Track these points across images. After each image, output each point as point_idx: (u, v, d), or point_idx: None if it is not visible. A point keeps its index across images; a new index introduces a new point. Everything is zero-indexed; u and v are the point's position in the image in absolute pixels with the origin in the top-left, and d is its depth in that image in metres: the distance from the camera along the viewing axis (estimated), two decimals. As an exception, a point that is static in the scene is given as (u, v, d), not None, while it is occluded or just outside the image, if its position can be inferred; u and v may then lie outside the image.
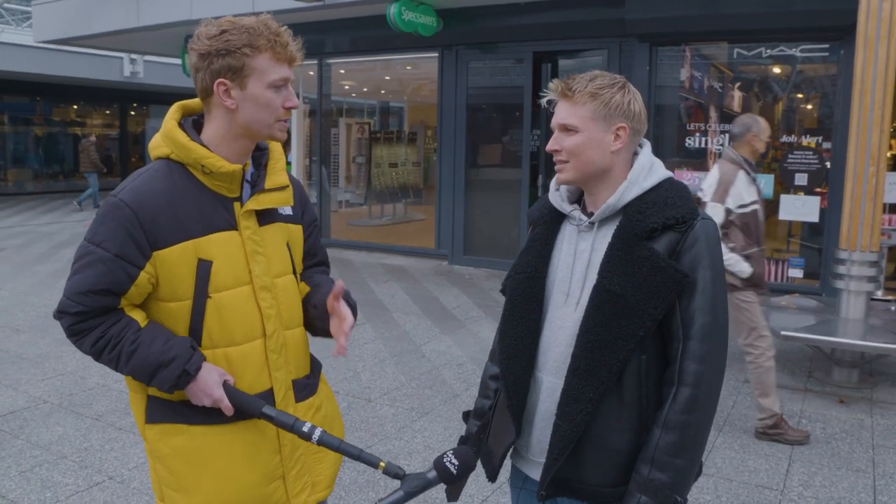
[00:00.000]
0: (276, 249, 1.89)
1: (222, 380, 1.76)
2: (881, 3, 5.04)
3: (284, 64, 1.76)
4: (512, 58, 9.82)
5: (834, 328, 5.25)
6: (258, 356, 1.84)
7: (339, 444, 1.72)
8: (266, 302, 1.85)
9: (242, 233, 1.81)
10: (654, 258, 1.67)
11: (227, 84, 1.73)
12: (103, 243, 1.71)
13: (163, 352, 1.72)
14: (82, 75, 18.09)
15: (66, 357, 5.81)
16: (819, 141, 7.78)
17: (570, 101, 1.75)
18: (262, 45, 1.71)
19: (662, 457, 1.65)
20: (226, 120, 1.78)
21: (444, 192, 10.27)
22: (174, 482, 1.86)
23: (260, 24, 1.73)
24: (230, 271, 1.79)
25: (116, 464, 4.00)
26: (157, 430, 1.85)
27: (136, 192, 1.73)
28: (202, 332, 1.79)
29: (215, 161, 1.75)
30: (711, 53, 8.62)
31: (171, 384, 1.74)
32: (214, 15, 7.89)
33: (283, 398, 1.89)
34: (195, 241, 1.75)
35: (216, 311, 1.78)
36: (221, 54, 1.71)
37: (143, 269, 1.72)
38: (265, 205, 1.84)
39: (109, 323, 1.75)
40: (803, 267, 7.97)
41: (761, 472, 4.00)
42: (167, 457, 1.85)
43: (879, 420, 4.74)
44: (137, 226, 1.70)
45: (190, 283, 1.76)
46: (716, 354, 1.69)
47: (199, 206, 1.77)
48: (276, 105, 1.76)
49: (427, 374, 5.54)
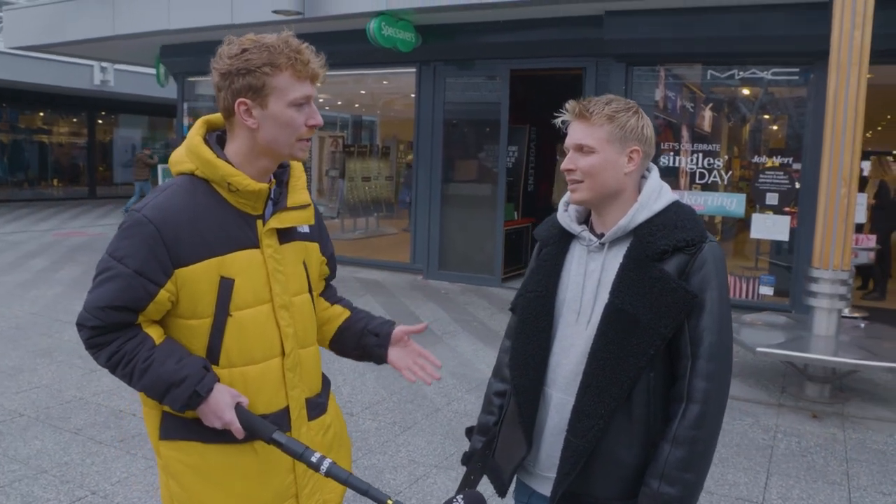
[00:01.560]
0: (294, 268, 1.89)
1: (234, 402, 1.74)
2: (853, 31, 5.21)
3: (306, 81, 1.74)
4: (489, 75, 9.92)
5: (807, 344, 5.38)
6: (275, 375, 1.84)
7: (348, 477, 1.69)
8: (285, 321, 1.85)
9: (264, 251, 1.81)
10: (665, 279, 1.72)
11: (248, 103, 1.72)
12: (125, 259, 1.70)
13: (175, 371, 1.71)
14: (51, 82, 17.81)
15: (40, 369, 5.73)
16: (789, 162, 7.98)
17: (586, 123, 1.80)
18: (282, 64, 1.70)
19: (672, 471, 1.70)
20: (248, 139, 1.77)
21: (419, 206, 10.31)
22: (187, 499, 1.85)
23: (280, 41, 1.71)
24: (252, 289, 1.79)
25: (98, 478, 3.95)
26: (171, 447, 1.84)
27: (160, 209, 1.71)
28: (220, 351, 1.78)
29: (242, 179, 1.74)
30: (686, 74, 8.81)
31: (182, 404, 1.72)
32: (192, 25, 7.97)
33: (298, 417, 1.89)
34: (218, 258, 1.74)
35: (236, 330, 1.78)
36: (242, 73, 1.69)
37: (163, 287, 1.71)
38: (287, 223, 1.85)
39: (125, 338, 1.74)
40: (774, 284, 8.15)
41: (741, 485, 4.08)
42: (180, 474, 1.84)
43: (852, 434, 4.86)
44: (160, 243, 1.69)
45: (211, 301, 1.75)
46: (722, 372, 1.75)
47: (222, 223, 1.76)
48: (298, 123, 1.75)
49: (408, 389, 5.55)
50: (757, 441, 4.72)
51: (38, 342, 6.49)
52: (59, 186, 21.80)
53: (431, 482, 4.00)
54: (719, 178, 8.31)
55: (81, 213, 18.21)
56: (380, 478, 4.03)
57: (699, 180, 8.37)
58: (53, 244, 12.55)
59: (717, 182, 8.31)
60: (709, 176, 8.33)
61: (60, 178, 21.91)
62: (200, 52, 11.61)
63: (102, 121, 22.76)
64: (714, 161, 8.32)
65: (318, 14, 9.25)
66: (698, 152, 8.43)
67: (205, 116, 1.87)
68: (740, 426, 4.95)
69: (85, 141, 22.32)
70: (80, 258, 11.08)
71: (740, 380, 5.88)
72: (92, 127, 22.32)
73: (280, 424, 1.83)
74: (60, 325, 7.08)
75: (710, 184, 8.34)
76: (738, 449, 4.58)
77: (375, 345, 2.07)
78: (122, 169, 23.17)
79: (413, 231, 10.45)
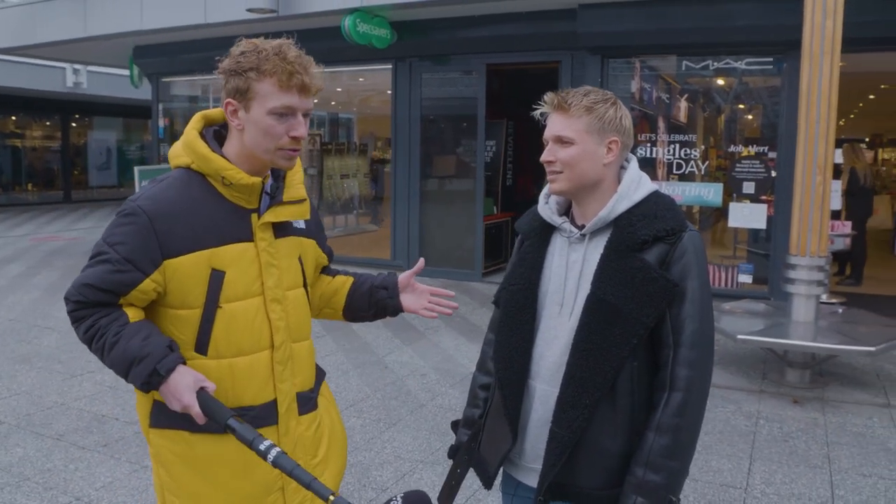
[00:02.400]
0: (289, 262, 1.92)
1: (198, 386, 1.71)
2: (824, 20, 5.27)
3: (291, 92, 1.74)
4: (465, 70, 9.93)
5: (786, 331, 5.45)
6: (264, 367, 1.86)
7: (293, 468, 1.64)
8: (276, 314, 1.87)
9: (258, 244, 1.84)
10: (646, 269, 1.74)
11: (235, 104, 1.76)
12: (116, 245, 1.74)
13: (139, 348, 1.71)
14: (23, 85, 17.55)
15: (20, 376, 5.66)
16: (765, 150, 8.06)
17: (565, 114, 1.81)
18: (267, 70, 1.72)
19: (656, 459, 1.72)
20: (238, 138, 1.82)
21: (398, 202, 10.30)
22: (175, 488, 1.88)
23: (273, 48, 1.74)
24: (242, 282, 1.82)
25: (82, 484, 3.92)
26: (160, 435, 1.87)
27: (154, 200, 1.76)
28: (209, 342, 1.80)
29: (235, 173, 1.78)
30: (660, 66, 8.87)
31: (143, 381, 1.72)
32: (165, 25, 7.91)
33: (287, 410, 1.91)
34: (210, 251, 1.77)
35: (226, 321, 1.80)
36: (233, 74, 1.74)
37: (149, 277, 1.75)
38: (282, 217, 1.88)
39: (102, 314, 1.77)
40: (752, 272, 8.23)
41: (724, 471, 4.13)
42: (169, 462, 1.87)
43: (832, 418, 4.93)
44: (152, 233, 1.73)
45: (201, 293, 1.78)
46: (704, 360, 1.77)
47: (215, 216, 1.79)
48: (278, 132, 1.76)
49: (391, 385, 5.55)
50: (739, 427, 4.77)
51: (17, 349, 6.42)
52: (34, 191, 21.50)
53: (418, 477, 4.01)
54: (696, 169, 8.37)
55: (57, 217, 17.99)
56: (366, 475, 4.03)
57: (676, 171, 8.44)
58: (30, 249, 12.40)
59: (694, 172, 8.38)
60: (686, 166, 8.40)
61: (35, 183, 21.62)
62: (174, 53, 11.66)
63: (76, 123, 22.45)
64: (690, 151, 8.38)
65: (293, 12, 9.20)
66: (675, 143, 8.48)
67: (203, 111, 1.92)
68: (723, 413, 5.01)
69: (59, 144, 22.00)
70: (56, 263, 10.96)
71: (722, 367, 5.94)
72: (66, 130, 22.02)
73: (267, 417, 1.86)
74: (39, 331, 7.00)
75: (688, 174, 8.40)
76: (720, 436, 4.63)
77: (387, 297, 2.14)
78: (97, 172, 22.94)
79: (393, 227, 10.44)
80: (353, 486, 3.82)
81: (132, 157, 23.13)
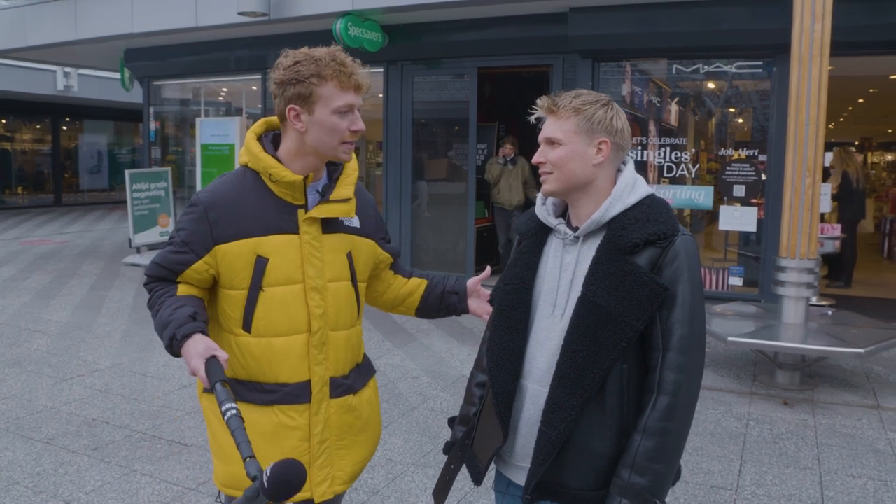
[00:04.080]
0: (334, 256, 2.09)
1: (209, 353, 1.83)
2: (813, 23, 5.31)
3: (350, 91, 1.95)
4: (457, 73, 9.94)
5: (777, 333, 5.47)
6: (300, 349, 2.04)
7: (235, 429, 1.64)
8: (314, 301, 2.04)
9: (302, 237, 2.03)
10: (636, 273, 1.75)
11: (298, 109, 1.95)
12: (179, 231, 2.03)
13: (169, 314, 1.92)
14: (13, 88, 17.50)
15: (9, 380, 5.64)
16: (755, 153, 8.10)
17: (555, 117, 1.84)
18: (328, 75, 1.91)
19: (642, 462, 1.72)
20: (297, 140, 2.00)
21: (390, 205, 10.30)
22: (214, 444, 2.12)
23: (328, 55, 1.93)
24: (284, 270, 2.01)
25: (72, 487, 3.91)
26: (207, 399, 2.11)
27: (212, 192, 2.03)
28: (252, 320, 2.01)
29: (280, 171, 1.99)
30: (651, 69, 8.90)
31: (166, 344, 1.92)
32: (156, 28, 7.89)
33: (319, 391, 2.07)
34: (255, 239, 1.99)
35: (267, 303, 2.00)
36: (293, 83, 1.92)
37: (201, 259, 2.00)
38: (326, 214, 2.04)
39: (161, 287, 2.06)
40: (743, 275, 8.26)
41: (715, 473, 4.15)
42: (211, 423, 2.12)
43: (821, 420, 4.96)
44: (206, 221, 1.99)
45: (247, 276, 1.99)
46: (693, 365, 1.77)
47: (264, 208, 2.00)
48: (342, 129, 1.97)
49: (383, 388, 5.55)
50: (730, 429, 4.79)
51: (6, 352, 6.38)
52: (24, 194, 21.42)
53: (409, 480, 4.00)
54: (687, 172, 8.40)
55: (47, 220, 17.92)
56: (358, 477, 4.02)
57: (667, 174, 8.46)
58: (20, 253, 12.35)
59: (685, 175, 8.41)
60: (676, 169, 8.43)
61: (25, 186, 21.54)
62: (165, 56, 11.64)
63: (67, 127, 22.39)
64: (681, 154, 8.41)
65: (284, 15, 9.19)
66: (665, 146, 8.51)
67: (265, 118, 2.13)
68: (713, 415, 5.03)
69: (49, 148, 21.94)
70: (47, 266, 10.91)
71: (713, 369, 5.96)
72: (56, 133, 21.95)
73: (300, 396, 2.04)
74: (29, 334, 6.97)
75: (678, 177, 8.43)
76: (711, 437, 4.64)
77: (457, 302, 2.38)
78: (88, 175, 22.86)
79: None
80: (383, 482, 3.80)
81: (123, 161, 23.07)
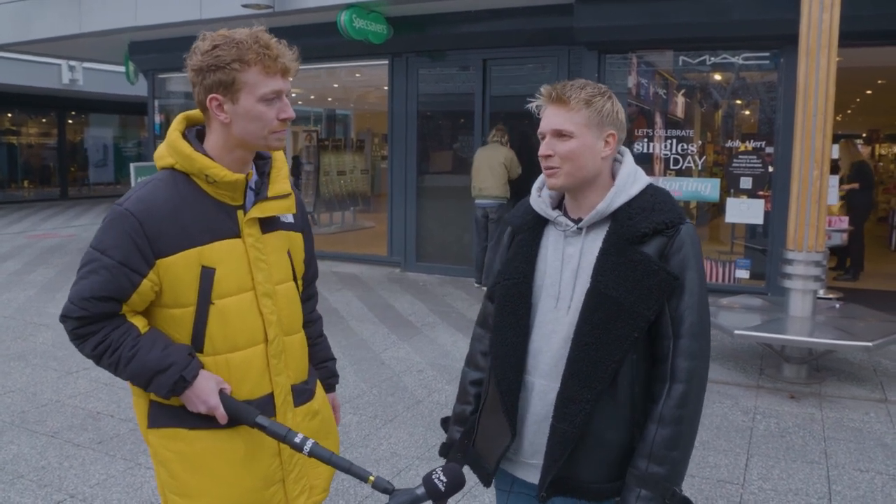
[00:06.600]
0: (277, 257, 1.94)
1: (219, 387, 1.79)
2: (821, 14, 5.25)
3: (276, 76, 1.77)
4: (462, 65, 9.90)
5: (784, 326, 5.44)
6: (259, 361, 1.89)
7: (330, 456, 1.74)
8: (268, 308, 1.89)
9: (245, 240, 1.86)
10: (646, 262, 1.73)
11: (220, 99, 1.76)
12: (108, 251, 1.75)
13: (161, 358, 1.76)
14: (18, 82, 17.50)
15: (14, 374, 5.64)
16: (762, 146, 8.04)
17: (565, 108, 1.79)
18: (251, 59, 1.73)
19: (660, 451, 1.71)
20: (222, 133, 1.81)
21: (395, 198, 10.28)
22: (176, 486, 1.89)
23: (250, 37, 1.74)
24: (233, 278, 1.83)
25: (77, 481, 3.90)
26: (158, 435, 1.88)
27: (141, 202, 1.77)
28: (205, 338, 1.83)
29: (219, 171, 1.79)
30: (657, 61, 8.84)
31: (168, 390, 1.76)
32: (160, 21, 7.86)
33: (283, 403, 1.94)
34: (199, 248, 1.78)
35: (219, 317, 1.82)
36: (213, 69, 1.73)
37: (145, 277, 1.76)
38: (268, 212, 1.89)
39: (111, 328, 1.78)
40: (749, 268, 8.22)
41: (721, 467, 4.12)
42: (169, 461, 1.88)
43: (829, 413, 4.93)
44: (142, 234, 1.74)
45: (193, 290, 1.79)
46: (703, 351, 1.77)
47: (202, 214, 1.80)
48: (269, 117, 1.78)
49: (388, 382, 5.54)
50: (736, 423, 4.76)
51: (12, 346, 6.39)
52: (30, 188, 21.45)
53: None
54: (693, 164, 8.35)
55: (53, 214, 17.95)
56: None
57: (673, 166, 8.41)
58: (26, 246, 12.36)
59: (692, 167, 8.36)
60: (683, 161, 8.38)
61: (31, 180, 21.57)
62: (170, 48, 11.60)
63: (72, 120, 22.40)
64: (688, 147, 8.37)
65: (289, 7, 9.17)
66: (672, 138, 8.46)
67: (184, 112, 1.91)
68: (720, 409, 5.00)
69: (55, 141, 21.96)
70: (53, 260, 10.92)
71: (719, 363, 5.93)
72: (62, 127, 21.95)
73: (265, 410, 1.87)
74: (34, 328, 6.97)
75: (685, 169, 8.38)
76: (718, 431, 4.62)
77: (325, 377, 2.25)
78: (93, 169, 22.88)
79: (389, 224, 10.42)
80: (348, 483, 3.80)
81: (129, 154, 23.09)
